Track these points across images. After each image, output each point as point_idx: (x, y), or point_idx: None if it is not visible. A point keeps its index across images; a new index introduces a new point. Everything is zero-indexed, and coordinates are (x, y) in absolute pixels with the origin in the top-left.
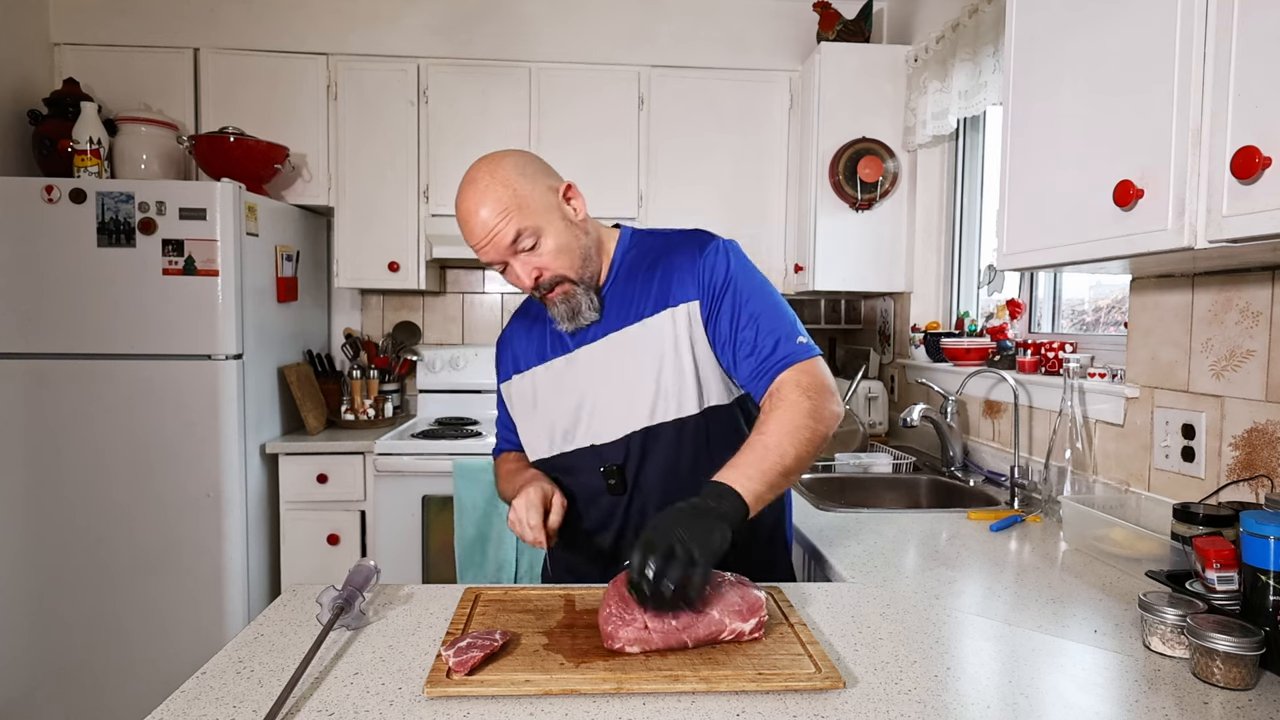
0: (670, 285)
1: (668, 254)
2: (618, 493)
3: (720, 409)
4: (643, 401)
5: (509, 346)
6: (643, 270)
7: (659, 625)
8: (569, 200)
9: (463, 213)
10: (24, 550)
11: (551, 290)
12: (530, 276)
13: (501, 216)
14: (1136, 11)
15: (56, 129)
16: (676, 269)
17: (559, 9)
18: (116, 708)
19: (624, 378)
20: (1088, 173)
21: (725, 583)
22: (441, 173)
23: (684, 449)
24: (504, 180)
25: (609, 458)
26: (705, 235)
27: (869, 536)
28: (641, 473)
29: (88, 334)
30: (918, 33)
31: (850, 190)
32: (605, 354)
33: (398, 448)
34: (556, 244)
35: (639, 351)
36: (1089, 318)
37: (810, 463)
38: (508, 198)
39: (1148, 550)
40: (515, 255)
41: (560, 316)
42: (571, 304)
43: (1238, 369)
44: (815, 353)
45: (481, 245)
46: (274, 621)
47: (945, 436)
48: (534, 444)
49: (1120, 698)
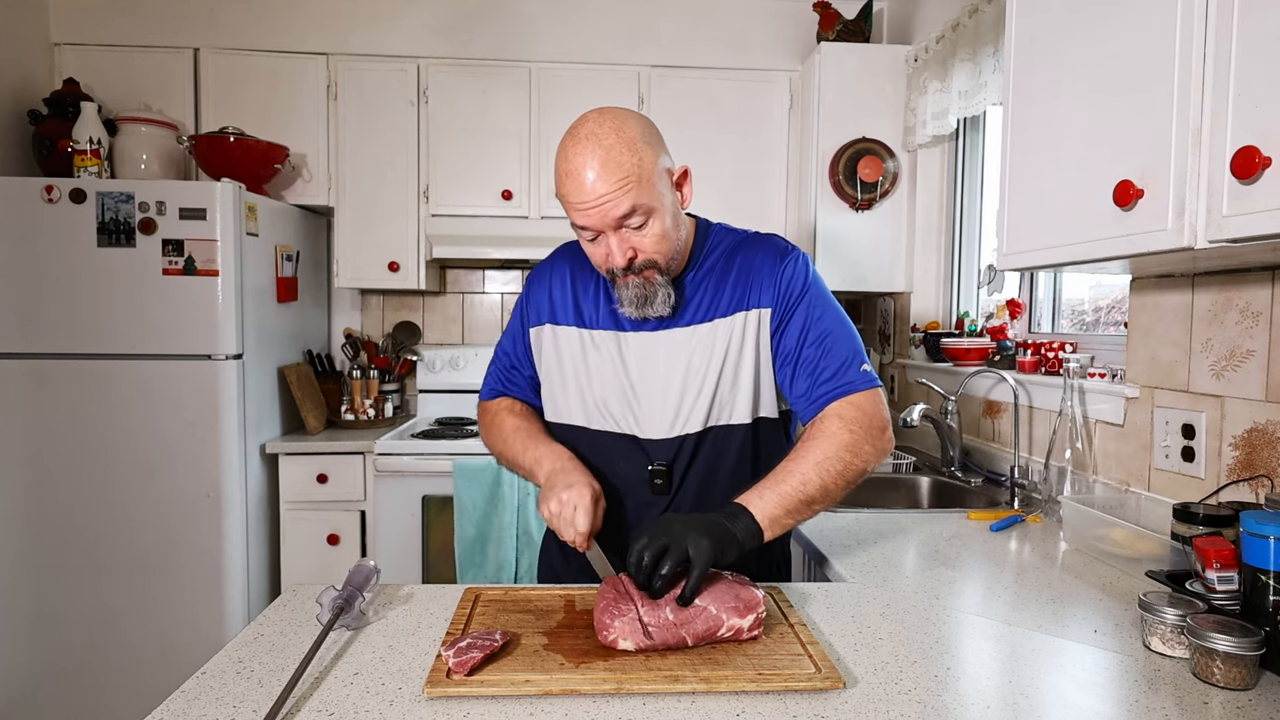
0: (745, 288)
1: (746, 255)
2: (661, 493)
3: (769, 421)
4: (700, 403)
5: (546, 289)
6: (719, 269)
7: (655, 621)
8: (681, 187)
9: (573, 164)
10: (24, 550)
11: (638, 273)
12: (625, 256)
13: (620, 185)
14: (1137, 12)
15: (56, 129)
16: (755, 272)
17: (559, 9)
18: (116, 708)
19: (684, 375)
20: (1088, 173)
21: (723, 580)
22: (441, 173)
23: (728, 457)
24: (631, 144)
25: (655, 455)
26: (783, 243)
27: (869, 536)
28: (687, 475)
29: (88, 334)
30: (918, 33)
31: (850, 190)
32: (662, 347)
33: (398, 448)
34: (662, 229)
35: (701, 351)
36: (1089, 318)
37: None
38: (632, 165)
39: (1148, 550)
40: (618, 229)
41: (629, 300)
42: (648, 292)
43: (1238, 369)
44: (875, 384)
45: (586, 207)
46: (274, 621)
47: (945, 436)
48: (566, 406)
49: (1120, 698)
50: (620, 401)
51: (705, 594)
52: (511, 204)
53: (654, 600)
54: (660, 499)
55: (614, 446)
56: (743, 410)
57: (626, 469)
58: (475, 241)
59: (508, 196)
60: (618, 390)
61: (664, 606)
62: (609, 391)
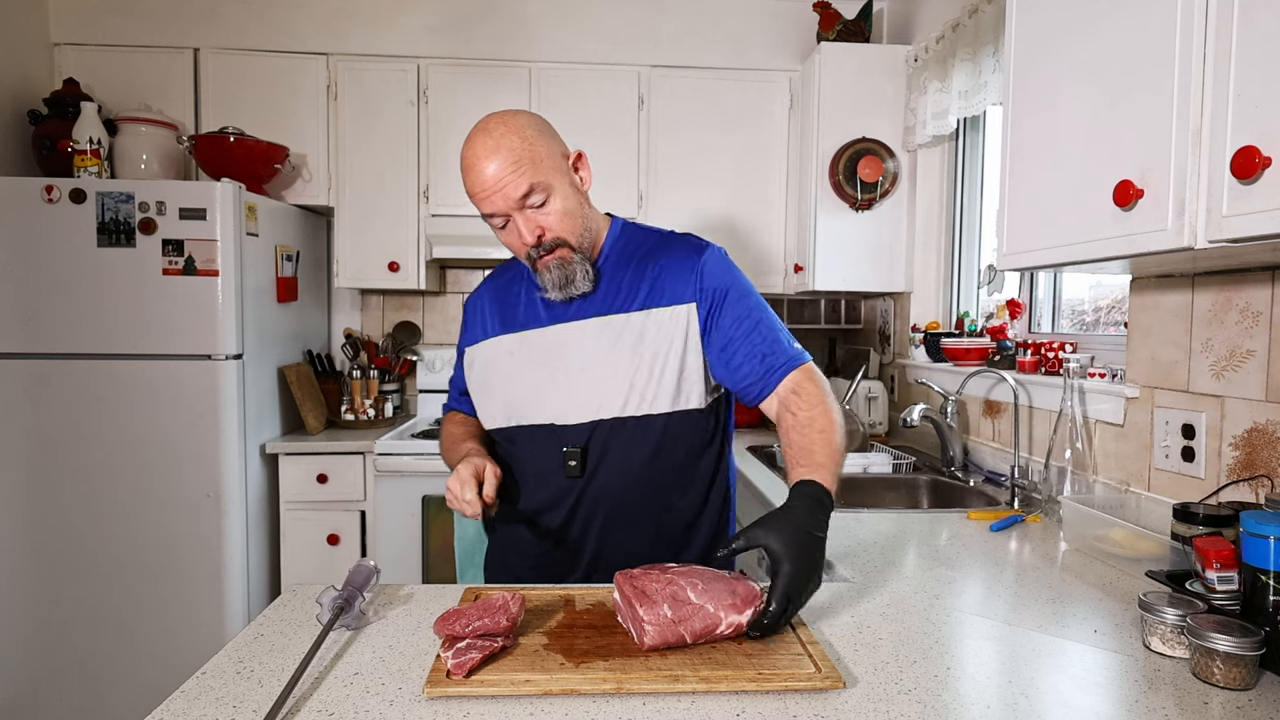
0: (664, 283)
1: (662, 252)
2: (574, 475)
3: (691, 413)
4: (617, 391)
5: (479, 309)
6: (634, 262)
7: (653, 618)
8: (578, 169)
9: (471, 158)
10: (24, 550)
11: (551, 253)
12: (533, 234)
13: (514, 168)
14: (1137, 12)
15: (56, 129)
16: (671, 268)
17: (559, 9)
18: (116, 707)
19: (601, 364)
20: (1088, 173)
21: (721, 578)
22: (441, 173)
23: (645, 445)
24: (520, 132)
25: (570, 440)
26: (698, 240)
27: (869, 536)
28: (603, 460)
29: (88, 334)
30: (918, 33)
31: (850, 190)
32: (583, 336)
33: (398, 448)
34: (564, 206)
35: (622, 342)
36: (1089, 318)
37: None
38: (523, 150)
39: (1148, 550)
40: (521, 210)
41: (551, 284)
42: (566, 271)
43: (1238, 369)
44: (809, 357)
45: (489, 194)
46: (274, 621)
47: (945, 436)
48: (489, 413)
49: (1120, 698)
50: (537, 392)
51: (702, 592)
52: None
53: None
54: (574, 482)
55: (532, 438)
56: (664, 400)
57: (543, 457)
58: (475, 241)
59: None
60: (535, 382)
61: (662, 604)
62: (527, 386)
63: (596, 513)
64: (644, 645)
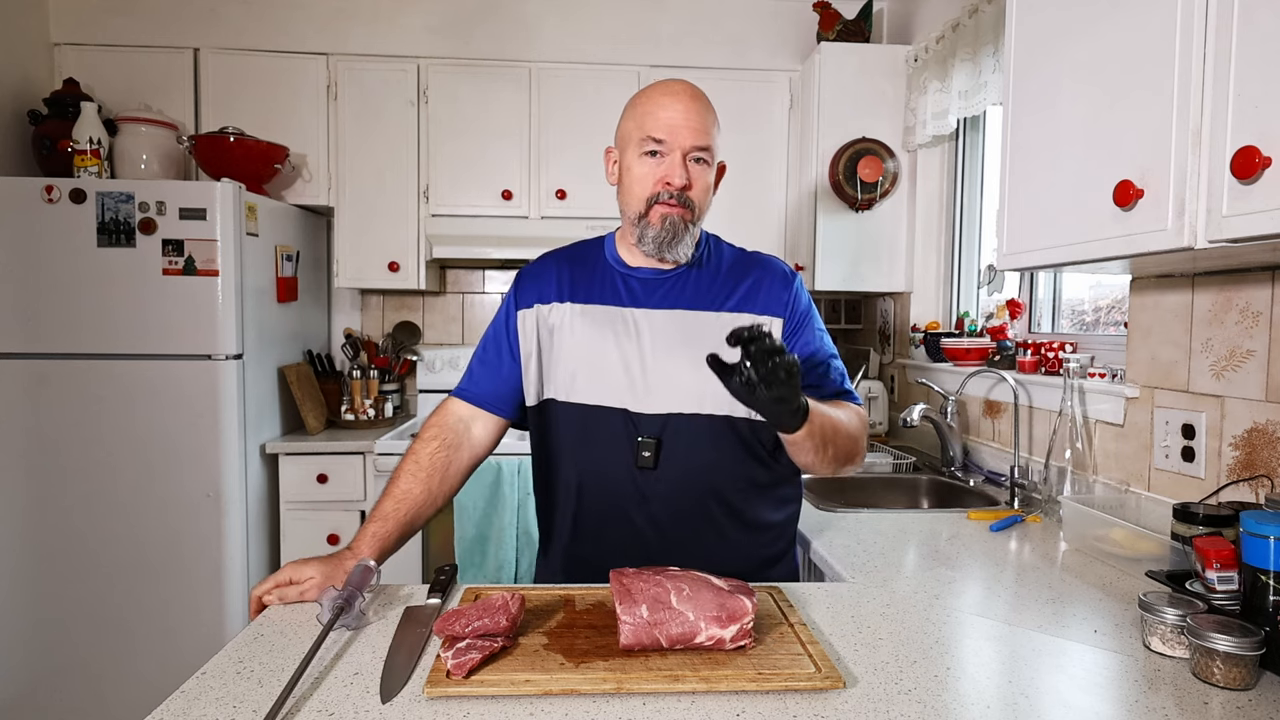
0: (759, 293)
1: (756, 265)
2: (646, 466)
3: (757, 423)
4: (698, 387)
5: (544, 274)
6: (726, 268)
7: (630, 618)
8: (720, 173)
9: (673, 92)
10: (24, 550)
11: (680, 206)
12: (683, 179)
13: (705, 122)
14: (1137, 12)
15: (56, 129)
16: (767, 281)
17: (559, 9)
18: (117, 707)
19: (681, 356)
20: (1088, 172)
21: (708, 586)
22: (441, 173)
23: (710, 446)
24: (712, 108)
25: (645, 429)
26: (784, 263)
27: (869, 536)
28: (672, 455)
29: (88, 334)
30: (918, 33)
31: (850, 190)
32: (670, 327)
33: (398, 448)
34: (709, 183)
35: (705, 338)
36: (1089, 318)
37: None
38: (712, 119)
39: (1148, 550)
40: (690, 154)
41: (653, 239)
42: (676, 229)
43: (1238, 369)
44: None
45: (678, 125)
46: (274, 621)
47: (945, 436)
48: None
49: (1120, 698)
50: (614, 375)
51: (686, 599)
52: (511, 204)
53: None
54: (644, 474)
55: (601, 419)
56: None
57: (613, 442)
58: (475, 241)
59: (508, 196)
60: (615, 363)
61: (641, 605)
62: (605, 364)
63: (663, 509)
64: (620, 644)
